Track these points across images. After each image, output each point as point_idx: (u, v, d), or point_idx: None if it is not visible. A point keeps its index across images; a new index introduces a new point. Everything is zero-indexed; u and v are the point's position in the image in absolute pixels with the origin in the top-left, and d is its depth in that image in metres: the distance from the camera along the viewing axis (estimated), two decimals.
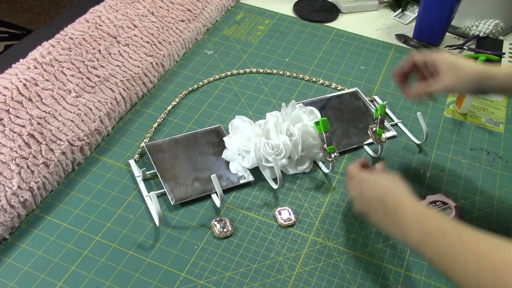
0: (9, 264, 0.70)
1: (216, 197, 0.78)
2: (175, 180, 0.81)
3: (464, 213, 0.80)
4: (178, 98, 0.97)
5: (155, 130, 0.90)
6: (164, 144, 0.86)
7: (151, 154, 0.84)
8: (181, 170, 0.82)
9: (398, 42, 1.16)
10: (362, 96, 0.99)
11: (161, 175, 0.81)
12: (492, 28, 1.15)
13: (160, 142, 0.86)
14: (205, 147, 0.87)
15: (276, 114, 0.86)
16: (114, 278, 0.70)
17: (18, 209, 0.74)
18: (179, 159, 0.84)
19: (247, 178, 0.82)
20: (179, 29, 1.07)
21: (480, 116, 0.98)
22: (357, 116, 0.95)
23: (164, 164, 0.83)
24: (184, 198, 0.79)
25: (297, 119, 0.85)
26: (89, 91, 0.88)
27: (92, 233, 0.75)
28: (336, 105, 0.97)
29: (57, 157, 0.79)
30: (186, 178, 0.82)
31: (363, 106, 0.97)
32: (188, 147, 0.86)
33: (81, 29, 0.95)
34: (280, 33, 1.16)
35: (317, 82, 1.03)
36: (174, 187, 0.80)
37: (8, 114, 0.78)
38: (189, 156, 0.85)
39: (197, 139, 0.88)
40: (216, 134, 0.89)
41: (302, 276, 0.71)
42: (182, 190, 0.80)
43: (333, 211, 0.80)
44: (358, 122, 0.94)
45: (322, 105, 0.96)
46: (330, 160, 0.80)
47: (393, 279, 0.72)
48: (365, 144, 0.90)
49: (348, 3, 1.25)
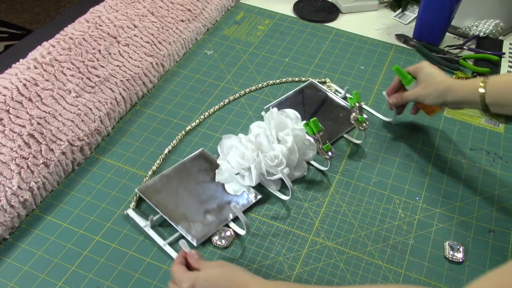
0: (9, 264, 0.70)
1: (236, 226, 0.76)
2: (185, 219, 0.75)
3: (464, 213, 0.80)
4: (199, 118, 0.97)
5: None
6: (156, 183, 0.79)
7: (148, 198, 0.77)
8: (187, 206, 0.77)
9: (398, 42, 1.16)
10: (320, 87, 1.00)
11: (169, 217, 0.75)
12: (492, 28, 1.15)
13: (152, 183, 0.79)
14: (199, 175, 0.81)
15: (260, 124, 0.85)
16: (114, 278, 0.70)
17: (18, 209, 0.74)
18: (179, 195, 0.78)
19: (256, 196, 0.80)
20: (179, 29, 1.07)
21: (480, 116, 0.98)
22: (326, 107, 0.96)
23: (167, 205, 0.77)
24: (205, 235, 0.74)
25: (282, 125, 0.83)
26: (89, 91, 0.88)
27: (92, 233, 0.75)
28: (301, 101, 0.97)
29: (57, 157, 0.79)
30: (196, 213, 0.76)
31: (326, 96, 0.98)
32: (182, 179, 0.81)
33: (81, 29, 0.95)
34: (280, 33, 1.16)
35: (268, 85, 1.02)
36: (188, 227, 0.74)
37: (8, 114, 0.78)
38: (188, 189, 0.79)
39: (187, 168, 0.82)
40: (204, 159, 0.84)
41: (302, 276, 0.71)
42: (199, 227, 0.74)
43: (333, 211, 0.80)
44: (329, 112, 0.95)
45: (289, 104, 0.95)
46: (329, 158, 0.81)
47: (393, 279, 0.72)
48: (345, 133, 0.92)
49: (348, 3, 1.24)
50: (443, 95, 0.81)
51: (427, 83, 0.83)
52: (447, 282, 0.72)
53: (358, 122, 0.86)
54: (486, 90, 0.76)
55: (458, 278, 0.72)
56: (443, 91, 0.81)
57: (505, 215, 0.81)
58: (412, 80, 0.87)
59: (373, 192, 0.83)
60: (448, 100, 0.81)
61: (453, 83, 0.81)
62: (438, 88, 0.82)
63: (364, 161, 0.88)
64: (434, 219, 0.79)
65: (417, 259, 0.74)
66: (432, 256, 0.75)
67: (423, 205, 0.81)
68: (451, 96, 0.80)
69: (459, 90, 0.79)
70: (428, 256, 0.75)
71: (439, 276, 0.72)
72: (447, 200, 0.82)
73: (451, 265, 0.74)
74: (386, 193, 0.83)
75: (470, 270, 0.73)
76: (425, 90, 0.83)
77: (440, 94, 0.81)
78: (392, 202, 0.82)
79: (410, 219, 0.79)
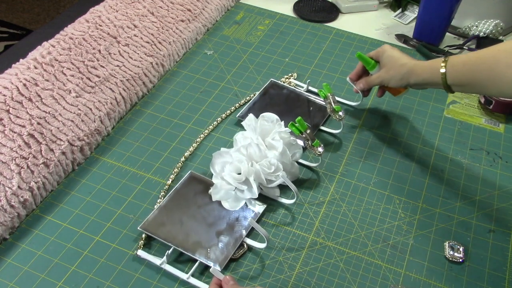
0: (9, 264, 0.70)
1: (252, 240, 0.74)
2: (200, 246, 0.72)
3: (464, 213, 0.80)
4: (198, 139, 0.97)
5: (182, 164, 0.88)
6: (157, 217, 0.76)
7: (155, 233, 0.73)
8: (198, 233, 0.74)
9: (398, 42, 1.16)
10: (283, 85, 1.00)
11: (183, 248, 0.72)
12: (492, 28, 1.15)
13: (152, 218, 0.75)
14: (198, 199, 0.79)
15: (245, 134, 0.83)
16: (114, 278, 0.70)
17: (18, 209, 0.74)
18: (184, 223, 0.75)
19: (261, 207, 0.79)
20: (179, 29, 1.07)
21: (480, 116, 0.98)
22: (294, 103, 0.96)
23: (177, 236, 0.73)
24: (226, 257, 0.71)
25: (267, 130, 0.82)
26: (89, 91, 0.88)
27: (92, 233, 0.75)
28: (268, 102, 0.97)
29: (57, 157, 0.79)
30: (209, 238, 0.74)
31: (291, 92, 0.99)
32: (181, 207, 0.77)
33: (81, 29, 0.95)
34: (280, 33, 1.16)
35: None
36: (206, 254, 0.72)
37: (8, 114, 0.78)
38: (192, 215, 0.76)
39: (183, 195, 0.79)
40: (196, 181, 0.81)
41: (302, 276, 0.71)
42: (217, 252, 0.72)
43: (333, 211, 0.80)
44: (298, 108, 0.95)
45: (258, 108, 0.95)
46: (319, 154, 0.81)
47: (393, 279, 0.72)
48: (322, 126, 0.93)
49: (348, 3, 1.24)
50: (406, 78, 0.82)
51: (389, 66, 0.84)
52: (447, 282, 0.72)
53: (334, 112, 0.88)
54: (446, 70, 0.76)
55: (458, 278, 0.72)
56: (405, 73, 0.82)
57: (505, 215, 0.81)
58: (375, 65, 0.89)
59: (373, 192, 0.83)
60: (411, 82, 0.82)
61: (414, 65, 0.81)
62: (400, 71, 0.82)
63: (364, 161, 0.88)
64: (434, 219, 0.79)
65: (417, 259, 0.74)
66: (432, 256, 0.75)
67: (423, 205, 0.81)
68: (414, 78, 0.81)
69: (420, 72, 0.80)
70: (428, 256, 0.75)
71: (439, 276, 0.72)
72: (447, 200, 0.82)
73: (451, 265, 0.74)
74: (386, 193, 0.83)
75: (470, 270, 0.73)
76: (388, 74, 0.84)
77: (403, 77, 0.82)
78: (392, 202, 0.82)
79: (410, 219, 0.79)
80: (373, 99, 1.00)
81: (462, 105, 1.00)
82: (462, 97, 1.02)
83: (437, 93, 1.02)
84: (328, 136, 0.92)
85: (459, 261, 0.74)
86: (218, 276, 0.64)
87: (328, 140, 0.91)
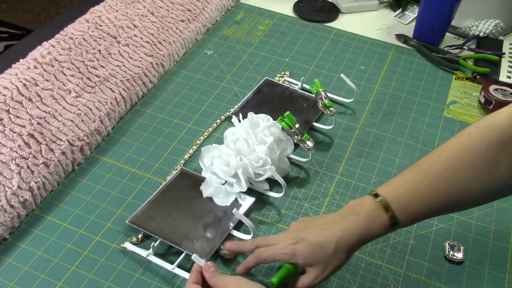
0: (9, 264, 0.70)
1: (240, 233, 0.75)
2: (187, 238, 0.73)
3: (464, 213, 0.80)
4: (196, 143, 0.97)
5: None
6: (146, 211, 0.76)
7: (142, 226, 0.74)
8: (185, 225, 0.75)
9: (398, 42, 1.16)
10: (277, 83, 1.00)
11: (170, 240, 0.73)
12: (492, 28, 1.15)
13: (141, 212, 0.76)
14: (187, 193, 0.79)
15: (234, 130, 0.84)
16: (114, 278, 0.70)
17: (18, 209, 0.74)
18: (172, 216, 0.76)
19: (250, 200, 0.79)
20: (179, 29, 1.07)
21: (480, 116, 0.97)
22: (288, 101, 0.96)
23: (165, 228, 0.74)
24: (211, 249, 0.72)
25: (256, 125, 0.82)
26: (89, 91, 0.88)
27: (92, 233, 0.75)
28: (262, 100, 0.97)
29: (57, 157, 0.79)
30: (196, 230, 0.74)
31: (285, 89, 0.99)
32: (171, 201, 0.78)
33: (81, 29, 0.95)
34: (280, 33, 1.16)
35: None
36: (192, 246, 0.72)
37: (8, 114, 0.78)
38: (180, 209, 0.77)
39: (173, 190, 0.80)
40: (187, 177, 0.82)
41: None
42: (203, 243, 0.72)
43: (333, 211, 0.80)
44: (291, 105, 0.95)
45: (252, 106, 0.95)
46: (309, 148, 0.81)
47: (393, 279, 0.72)
48: (314, 122, 0.93)
49: (348, 3, 1.25)
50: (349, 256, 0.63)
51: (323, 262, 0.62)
52: (447, 282, 0.72)
53: (325, 107, 0.87)
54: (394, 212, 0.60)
55: (458, 278, 0.72)
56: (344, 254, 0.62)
57: (505, 215, 0.81)
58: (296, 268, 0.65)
59: None
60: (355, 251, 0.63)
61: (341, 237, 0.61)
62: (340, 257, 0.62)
63: (364, 161, 0.88)
64: (434, 219, 0.79)
65: (417, 259, 0.74)
66: (432, 256, 0.75)
67: None
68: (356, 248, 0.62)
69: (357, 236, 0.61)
70: (428, 256, 0.75)
71: (439, 276, 0.72)
72: None
73: (451, 265, 0.74)
74: None
75: (470, 270, 0.73)
76: (328, 270, 0.62)
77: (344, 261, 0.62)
78: None
79: None
80: (373, 99, 1.00)
81: (462, 105, 1.00)
82: (462, 97, 1.02)
83: (437, 93, 1.02)
84: (328, 136, 0.92)
85: (459, 261, 0.74)
86: (199, 263, 0.65)
87: (328, 140, 0.91)
